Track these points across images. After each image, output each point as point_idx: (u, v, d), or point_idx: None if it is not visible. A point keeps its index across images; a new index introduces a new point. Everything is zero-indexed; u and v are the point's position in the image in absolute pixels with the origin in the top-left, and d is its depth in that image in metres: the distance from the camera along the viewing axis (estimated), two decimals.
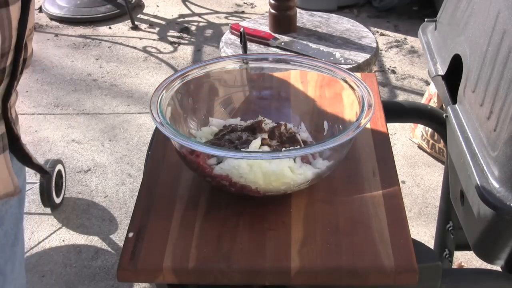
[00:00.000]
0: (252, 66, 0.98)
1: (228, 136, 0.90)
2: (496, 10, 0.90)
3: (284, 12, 1.89)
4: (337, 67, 0.93)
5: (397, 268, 0.73)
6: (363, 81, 0.88)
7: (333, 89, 0.94)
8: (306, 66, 0.96)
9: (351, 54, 1.77)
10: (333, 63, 0.96)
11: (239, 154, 0.77)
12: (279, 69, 0.99)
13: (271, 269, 0.74)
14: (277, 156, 0.77)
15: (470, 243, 0.94)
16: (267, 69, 1.00)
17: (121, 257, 0.75)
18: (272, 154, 0.79)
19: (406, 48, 3.26)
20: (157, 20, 3.50)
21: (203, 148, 0.77)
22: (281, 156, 0.77)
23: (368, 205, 0.82)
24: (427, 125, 1.30)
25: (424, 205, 2.17)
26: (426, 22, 1.24)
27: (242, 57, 0.99)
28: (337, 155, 0.83)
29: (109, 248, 2.01)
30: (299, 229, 0.78)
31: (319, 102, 0.98)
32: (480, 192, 0.81)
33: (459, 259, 1.90)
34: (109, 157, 2.41)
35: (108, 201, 2.20)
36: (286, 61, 0.97)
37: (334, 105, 0.93)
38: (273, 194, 0.81)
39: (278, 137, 0.89)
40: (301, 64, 0.96)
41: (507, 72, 0.83)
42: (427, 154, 2.43)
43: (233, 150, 0.84)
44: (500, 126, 0.82)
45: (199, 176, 0.84)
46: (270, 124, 0.94)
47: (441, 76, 1.07)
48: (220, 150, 0.78)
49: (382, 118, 0.99)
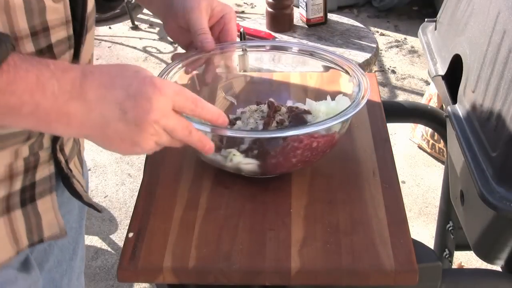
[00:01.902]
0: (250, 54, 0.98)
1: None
2: (496, 10, 0.90)
3: (281, 11, 1.90)
4: (335, 54, 0.93)
5: (397, 268, 0.72)
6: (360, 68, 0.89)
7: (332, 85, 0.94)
8: (304, 54, 0.95)
9: (351, 54, 1.77)
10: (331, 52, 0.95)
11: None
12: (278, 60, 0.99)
13: (271, 269, 0.74)
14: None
15: (470, 243, 0.94)
16: (265, 60, 1.00)
17: (121, 257, 0.75)
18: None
19: (406, 48, 3.26)
20: (157, 20, 3.50)
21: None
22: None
23: (368, 205, 0.82)
24: (427, 125, 1.30)
25: (424, 205, 2.17)
26: (426, 22, 1.24)
27: (241, 44, 0.99)
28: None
29: (109, 248, 2.01)
30: (299, 229, 0.78)
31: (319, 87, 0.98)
32: (480, 192, 0.81)
33: (459, 259, 1.90)
34: (109, 157, 2.41)
35: (108, 201, 2.20)
36: (285, 48, 0.97)
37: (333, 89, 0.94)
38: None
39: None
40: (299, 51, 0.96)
41: (507, 72, 0.83)
42: (427, 154, 2.43)
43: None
44: (500, 126, 0.82)
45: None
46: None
47: (441, 76, 1.07)
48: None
49: (382, 118, 0.99)
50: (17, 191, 0.72)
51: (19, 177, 0.72)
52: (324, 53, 0.93)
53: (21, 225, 0.74)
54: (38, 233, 0.77)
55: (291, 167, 0.84)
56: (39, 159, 0.74)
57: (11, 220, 0.72)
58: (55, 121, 0.61)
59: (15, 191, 0.72)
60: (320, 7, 1.92)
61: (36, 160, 0.74)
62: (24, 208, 0.74)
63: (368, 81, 0.85)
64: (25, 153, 0.72)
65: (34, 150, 0.73)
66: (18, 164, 0.71)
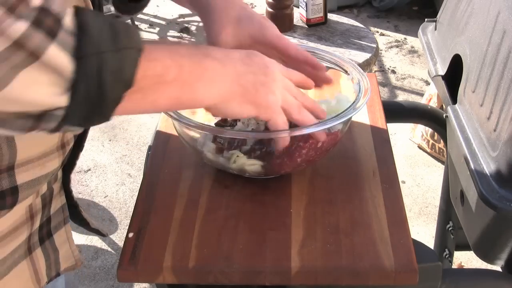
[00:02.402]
0: None
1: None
2: (496, 10, 0.90)
3: (281, 11, 1.90)
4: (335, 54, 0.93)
5: (397, 268, 0.72)
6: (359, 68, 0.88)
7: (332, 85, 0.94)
8: None
9: (351, 54, 1.77)
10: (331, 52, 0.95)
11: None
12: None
13: (271, 269, 0.74)
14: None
15: (470, 243, 0.94)
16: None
17: (121, 257, 0.75)
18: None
19: (406, 48, 3.26)
20: (157, 20, 3.51)
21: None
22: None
23: (368, 205, 0.82)
24: (427, 125, 1.30)
25: (424, 205, 2.17)
26: (426, 22, 1.24)
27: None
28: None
29: (109, 248, 2.01)
30: (299, 229, 0.78)
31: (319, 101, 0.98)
32: (480, 192, 0.81)
33: (459, 259, 1.90)
34: (109, 157, 2.41)
35: (108, 201, 2.20)
36: None
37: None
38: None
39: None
40: None
41: (507, 72, 0.83)
42: (427, 154, 2.43)
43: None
44: (500, 126, 0.82)
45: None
46: None
47: (441, 76, 1.07)
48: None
49: (382, 118, 0.99)
50: (36, 229, 0.71)
51: (38, 215, 0.71)
52: (323, 53, 0.93)
53: (42, 263, 0.73)
54: (55, 268, 0.76)
55: (296, 167, 0.84)
56: (53, 192, 0.74)
57: (33, 261, 0.72)
58: (198, 80, 0.63)
59: (35, 230, 0.71)
60: (320, 7, 1.92)
61: (51, 194, 0.73)
62: (43, 246, 0.73)
63: (368, 81, 0.85)
64: (44, 189, 0.71)
65: (50, 184, 0.72)
66: (36, 202, 0.70)
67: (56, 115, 0.51)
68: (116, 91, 0.53)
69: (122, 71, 0.53)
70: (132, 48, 0.54)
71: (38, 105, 0.50)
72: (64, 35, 0.49)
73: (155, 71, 0.58)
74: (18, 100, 0.48)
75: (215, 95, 0.66)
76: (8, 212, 0.65)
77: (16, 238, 0.68)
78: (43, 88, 0.49)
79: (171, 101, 0.63)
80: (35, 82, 0.48)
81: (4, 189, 0.63)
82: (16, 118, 0.50)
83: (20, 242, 0.69)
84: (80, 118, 0.53)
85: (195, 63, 0.63)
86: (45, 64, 0.48)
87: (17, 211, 0.67)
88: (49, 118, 0.51)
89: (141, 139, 2.52)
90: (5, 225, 0.66)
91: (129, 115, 2.64)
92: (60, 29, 0.48)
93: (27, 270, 0.71)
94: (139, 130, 2.56)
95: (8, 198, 0.63)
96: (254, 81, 0.68)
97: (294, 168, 0.84)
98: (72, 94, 0.50)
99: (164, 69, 0.59)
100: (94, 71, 0.51)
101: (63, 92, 0.50)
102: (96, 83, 0.51)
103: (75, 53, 0.49)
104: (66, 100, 0.50)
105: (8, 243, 0.67)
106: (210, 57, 0.66)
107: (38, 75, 0.48)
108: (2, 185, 0.62)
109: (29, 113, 0.50)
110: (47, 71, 0.48)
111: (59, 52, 0.48)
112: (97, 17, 0.52)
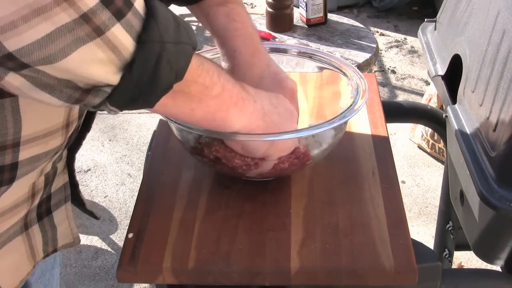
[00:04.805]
0: None
1: None
2: (496, 10, 0.90)
3: (281, 11, 1.90)
4: (333, 56, 0.93)
5: (397, 268, 0.72)
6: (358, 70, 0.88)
7: (331, 85, 0.94)
8: (303, 55, 0.95)
9: (351, 54, 1.77)
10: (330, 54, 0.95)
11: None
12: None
13: (270, 269, 0.73)
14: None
15: (470, 243, 0.94)
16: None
17: (120, 258, 0.75)
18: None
19: (406, 48, 3.26)
20: None
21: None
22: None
23: (367, 205, 0.82)
24: (427, 125, 1.30)
25: (424, 205, 2.17)
26: (426, 22, 1.24)
27: None
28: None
29: (109, 248, 2.01)
30: (298, 230, 0.78)
31: (319, 101, 0.98)
32: (480, 192, 0.80)
33: (459, 259, 1.91)
34: (109, 157, 2.41)
35: (108, 201, 2.20)
36: (284, 50, 0.97)
37: (333, 102, 0.93)
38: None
39: None
40: (298, 53, 0.96)
41: (507, 72, 0.83)
42: (427, 154, 2.43)
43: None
44: (500, 126, 0.82)
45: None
46: None
47: (441, 76, 1.07)
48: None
49: (382, 118, 0.99)
50: (35, 206, 0.71)
51: (39, 194, 0.71)
52: (322, 55, 0.93)
53: (38, 239, 0.73)
54: (53, 244, 0.76)
55: (286, 172, 0.83)
56: (57, 171, 0.73)
57: (29, 236, 0.71)
58: (233, 105, 0.69)
59: (33, 207, 0.71)
60: (320, 7, 1.92)
61: (54, 172, 0.73)
62: (40, 222, 0.73)
63: (366, 84, 0.85)
64: (48, 168, 0.70)
65: (55, 163, 0.72)
66: (39, 181, 0.70)
67: (104, 91, 0.52)
68: (167, 80, 0.56)
69: (177, 63, 0.55)
70: (188, 43, 0.57)
71: (91, 79, 0.51)
72: (132, 17, 0.50)
73: (204, 82, 0.63)
74: (73, 72, 0.49)
75: (242, 123, 0.71)
76: (11, 190, 0.65)
77: (15, 215, 0.68)
78: (99, 65, 0.50)
79: (206, 115, 0.67)
80: (93, 58, 0.49)
81: (4, 165, 0.62)
82: (65, 87, 0.51)
83: (18, 219, 0.69)
84: (126, 99, 0.55)
85: (234, 90, 0.69)
86: (107, 42, 0.49)
87: (21, 189, 0.66)
88: (97, 93, 0.52)
89: (141, 139, 2.52)
90: (6, 202, 0.65)
91: (129, 115, 2.64)
92: (129, 11, 0.50)
93: (23, 246, 0.71)
94: (139, 130, 2.56)
95: (6, 174, 0.63)
96: (278, 122, 0.75)
97: (284, 172, 0.83)
98: (126, 75, 0.52)
99: (211, 83, 0.64)
100: (154, 58, 0.52)
101: (117, 72, 0.51)
102: (152, 69, 0.53)
103: (139, 37, 0.51)
104: (118, 79, 0.52)
105: (6, 219, 0.67)
106: (245, 90, 0.72)
107: (98, 51, 0.49)
108: (4, 161, 0.62)
109: (79, 85, 0.51)
110: (107, 49, 0.49)
111: (123, 33, 0.50)
112: (163, 7, 0.54)
